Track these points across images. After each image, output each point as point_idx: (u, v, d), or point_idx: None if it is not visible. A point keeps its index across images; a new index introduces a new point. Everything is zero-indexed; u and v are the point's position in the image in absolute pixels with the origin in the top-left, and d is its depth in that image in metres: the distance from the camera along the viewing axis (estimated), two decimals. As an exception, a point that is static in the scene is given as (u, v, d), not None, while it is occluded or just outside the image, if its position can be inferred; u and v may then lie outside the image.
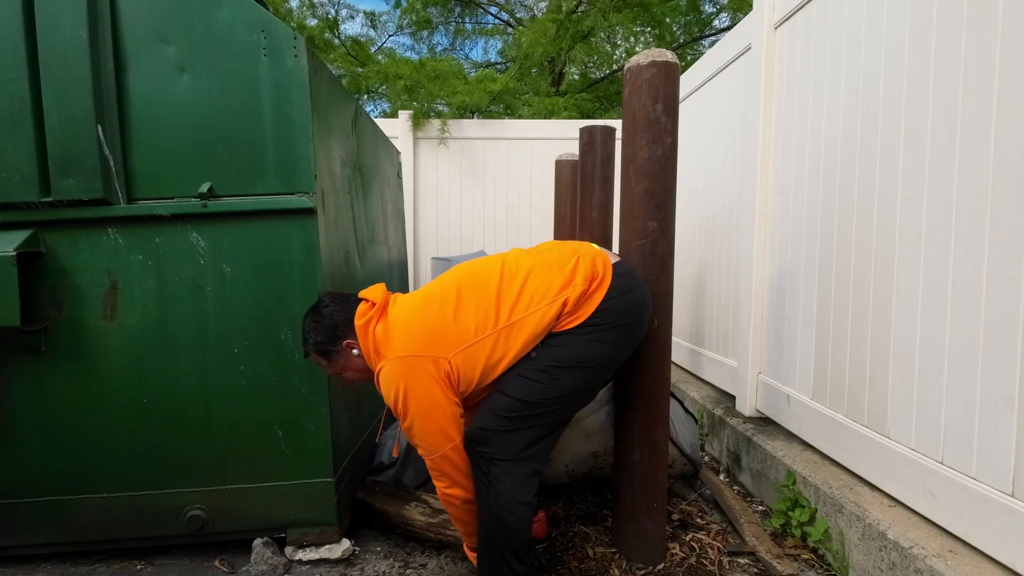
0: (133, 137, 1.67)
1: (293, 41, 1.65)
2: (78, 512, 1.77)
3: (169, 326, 1.72)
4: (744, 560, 1.79)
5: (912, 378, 1.59)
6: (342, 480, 1.87)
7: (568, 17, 6.86)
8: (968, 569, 1.31)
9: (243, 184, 1.69)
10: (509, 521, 1.40)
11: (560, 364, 1.43)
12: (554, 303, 1.42)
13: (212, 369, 1.74)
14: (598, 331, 1.44)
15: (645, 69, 1.65)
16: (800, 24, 2.20)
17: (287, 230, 1.70)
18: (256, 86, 1.66)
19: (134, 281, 1.70)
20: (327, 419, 1.77)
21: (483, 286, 1.46)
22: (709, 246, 3.14)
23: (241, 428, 1.76)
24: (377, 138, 2.67)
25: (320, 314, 1.52)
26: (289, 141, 1.68)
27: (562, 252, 1.53)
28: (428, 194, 5.01)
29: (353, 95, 2.28)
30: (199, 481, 1.77)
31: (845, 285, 1.89)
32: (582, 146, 2.62)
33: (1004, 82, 1.32)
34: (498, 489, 1.41)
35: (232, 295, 1.72)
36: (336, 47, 7.37)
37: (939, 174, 1.50)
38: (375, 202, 2.56)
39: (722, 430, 2.60)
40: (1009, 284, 1.30)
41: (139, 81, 1.66)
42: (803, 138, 2.16)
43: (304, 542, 1.80)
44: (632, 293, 1.50)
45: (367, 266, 2.36)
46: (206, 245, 1.70)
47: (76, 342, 1.71)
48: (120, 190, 1.66)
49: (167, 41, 1.65)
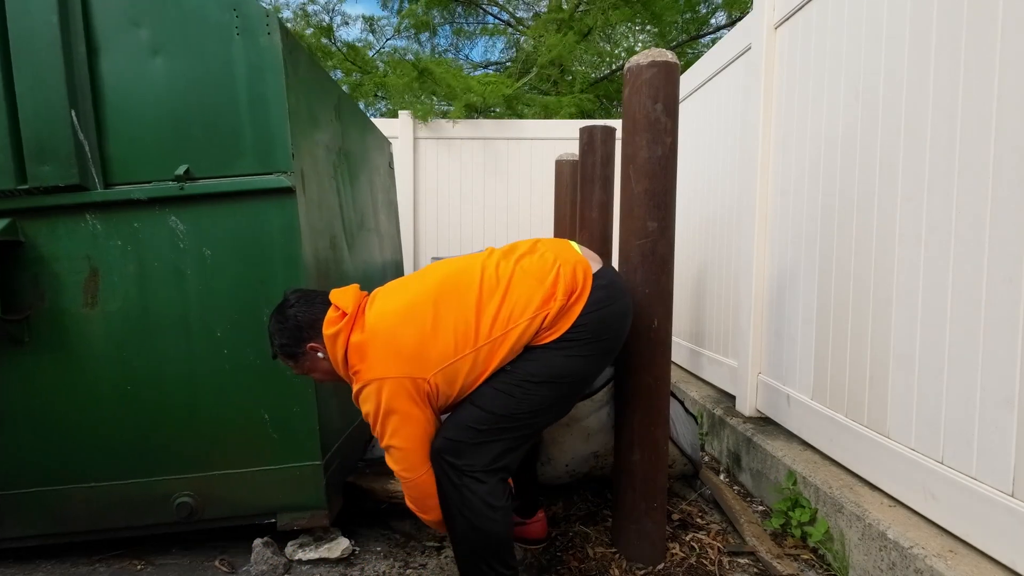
0: (108, 121, 1.65)
1: (266, 19, 1.62)
2: (67, 503, 1.76)
3: (151, 312, 1.70)
4: (744, 560, 1.79)
5: (912, 378, 1.59)
6: (331, 464, 1.86)
7: (571, 16, 6.86)
8: (968, 569, 1.31)
9: (220, 165, 1.67)
10: (486, 528, 1.37)
11: (534, 379, 1.38)
12: (535, 319, 1.37)
13: (196, 354, 1.72)
14: (574, 346, 1.40)
15: (645, 69, 1.65)
16: (800, 24, 2.20)
17: (266, 211, 1.67)
18: (230, 65, 1.64)
19: (114, 267, 1.68)
20: (314, 402, 1.74)
21: (463, 298, 1.38)
22: (709, 246, 3.14)
23: (227, 413, 1.74)
24: (365, 126, 2.65)
25: (284, 315, 1.45)
26: (265, 120, 1.65)
27: (543, 260, 1.44)
28: (428, 194, 5.01)
29: (338, 84, 2.27)
30: (187, 467, 1.76)
31: (845, 285, 1.89)
32: (582, 146, 2.62)
33: (1004, 82, 1.32)
34: (470, 499, 1.36)
35: (213, 278, 1.70)
36: (334, 54, 7.36)
37: (939, 174, 1.50)
38: (363, 189, 2.54)
39: (722, 430, 2.60)
40: (1009, 284, 1.30)
41: (112, 65, 1.64)
42: (803, 138, 2.16)
43: (298, 532, 1.78)
44: (612, 306, 1.44)
45: (357, 252, 2.35)
46: (185, 229, 1.68)
47: (59, 331, 1.70)
48: (97, 175, 1.64)
49: (139, 24, 1.63)
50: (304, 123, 1.80)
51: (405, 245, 4.88)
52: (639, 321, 1.70)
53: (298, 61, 1.77)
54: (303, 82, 1.81)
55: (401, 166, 4.82)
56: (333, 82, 2.17)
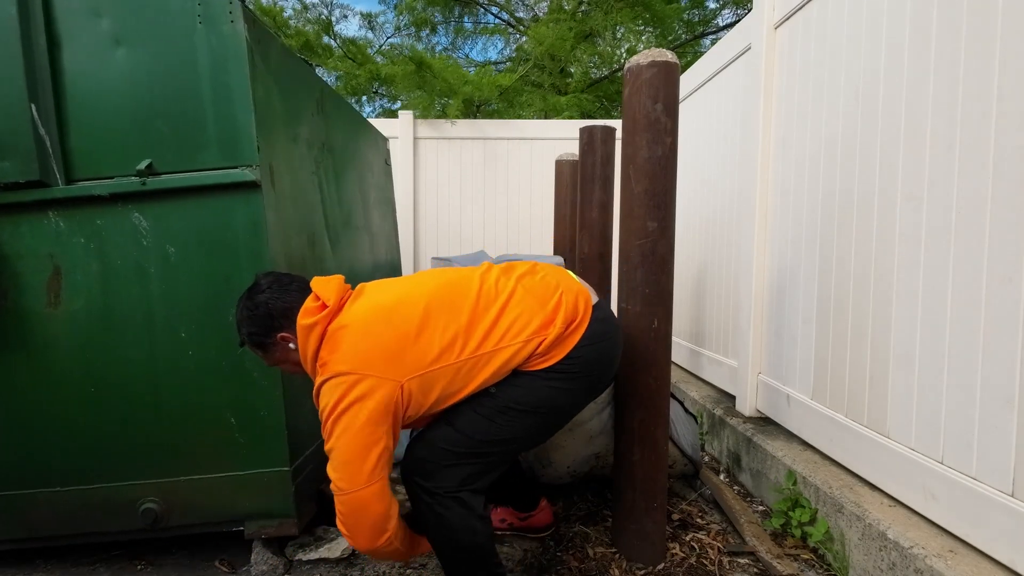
0: (69, 115, 1.61)
1: (229, 6, 1.57)
2: (32, 507, 1.72)
3: (114, 311, 1.65)
4: (744, 560, 1.79)
5: (912, 378, 1.59)
6: (302, 470, 1.80)
7: (572, 17, 6.86)
8: (968, 569, 1.31)
9: (184, 160, 1.61)
10: (466, 541, 1.31)
11: (518, 407, 1.32)
12: (529, 342, 1.30)
13: (160, 355, 1.67)
14: (564, 379, 1.34)
15: (645, 69, 1.65)
16: (800, 24, 2.20)
17: (231, 206, 1.62)
18: (193, 55, 1.59)
19: (77, 265, 1.64)
20: (281, 405, 1.68)
21: (456, 307, 1.30)
22: (709, 246, 3.14)
23: (192, 416, 1.69)
24: (355, 122, 2.61)
25: (254, 301, 1.35)
26: (230, 112, 1.60)
27: (545, 284, 1.39)
28: (428, 194, 5.01)
29: (322, 79, 2.24)
30: (152, 472, 1.71)
31: (845, 285, 1.89)
32: (582, 146, 2.62)
33: (1004, 82, 1.32)
34: (446, 516, 1.30)
35: (177, 277, 1.65)
36: (334, 50, 7.36)
37: (939, 174, 1.50)
38: (351, 186, 2.49)
39: (722, 430, 2.60)
40: (1008, 284, 1.30)
41: (73, 57, 1.59)
42: (803, 137, 2.16)
43: (263, 534, 1.74)
44: (606, 341, 1.40)
45: (343, 250, 2.29)
46: (148, 225, 1.63)
47: (22, 330, 1.65)
48: (58, 171, 1.59)
49: (100, 14, 1.59)
50: (276, 116, 1.75)
51: (405, 245, 4.88)
52: (639, 321, 1.70)
53: (268, 51, 1.72)
54: (274, 73, 1.75)
55: (401, 166, 4.82)
56: (315, 75, 2.13)
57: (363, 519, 1.24)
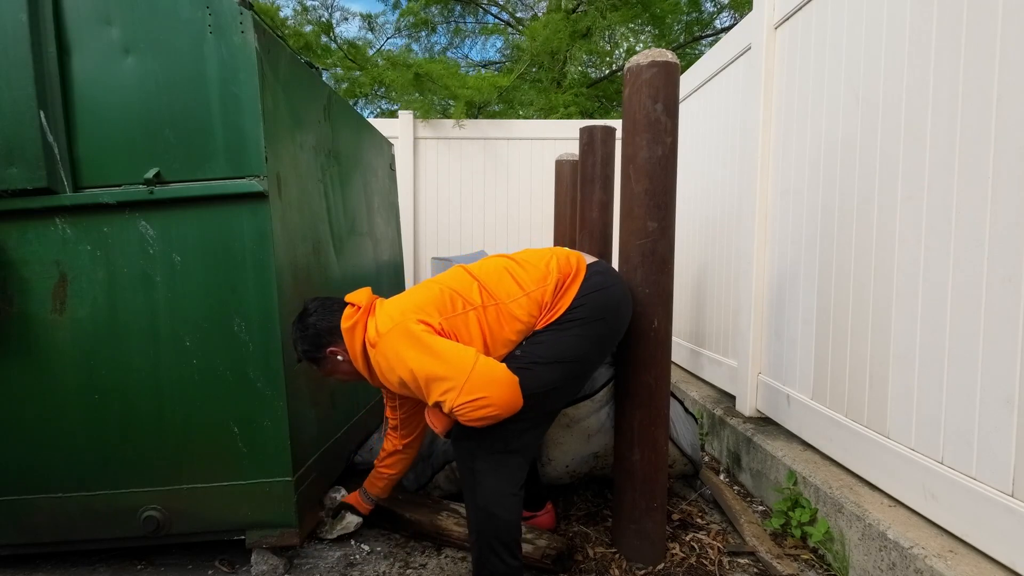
0: (78, 123, 1.61)
1: (239, 16, 1.57)
2: (33, 513, 1.71)
3: (119, 319, 1.66)
4: (744, 560, 1.79)
5: (912, 378, 1.59)
6: (305, 480, 1.80)
7: (568, 16, 6.86)
8: (968, 569, 1.31)
9: (192, 169, 1.62)
10: (497, 514, 1.42)
11: (541, 360, 1.45)
12: (532, 294, 1.49)
13: (164, 363, 1.67)
14: (576, 325, 1.48)
15: (645, 69, 1.65)
16: (800, 24, 2.20)
17: (238, 216, 1.63)
18: (202, 65, 1.59)
19: (83, 273, 1.64)
20: (284, 415, 1.69)
21: (463, 280, 1.53)
22: (709, 246, 3.14)
23: (196, 424, 1.69)
24: (360, 127, 2.61)
25: (304, 323, 1.54)
26: (238, 122, 1.60)
27: (538, 252, 1.61)
28: (428, 194, 5.01)
29: (329, 85, 2.23)
30: (154, 480, 1.71)
31: (845, 285, 1.89)
32: (582, 146, 2.62)
33: (1004, 82, 1.32)
34: (483, 483, 1.42)
35: (183, 286, 1.65)
36: (334, 52, 7.36)
37: (939, 174, 1.50)
38: (356, 192, 2.49)
39: (722, 430, 2.60)
40: (1008, 284, 1.30)
41: (83, 64, 1.60)
42: (803, 138, 2.16)
43: (264, 544, 1.76)
44: (609, 290, 1.53)
45: (347, 257, 2.30)
46: (155, 234, 1.64)
47: (27, 337, 1.65)
48: (66, 178, 1.60)
49: (110, 22, 1.59)
50: (284, 124, 1.76)
51: (405, 245, 4.88)
52: (639, 321, 1.70)
53: (277, 60, 1.73)
54: (284, 82, 1.76)
55: (401, 166, 4.82)
56: (321, 82, 2.13)
57: (494, 382, 1.34)
